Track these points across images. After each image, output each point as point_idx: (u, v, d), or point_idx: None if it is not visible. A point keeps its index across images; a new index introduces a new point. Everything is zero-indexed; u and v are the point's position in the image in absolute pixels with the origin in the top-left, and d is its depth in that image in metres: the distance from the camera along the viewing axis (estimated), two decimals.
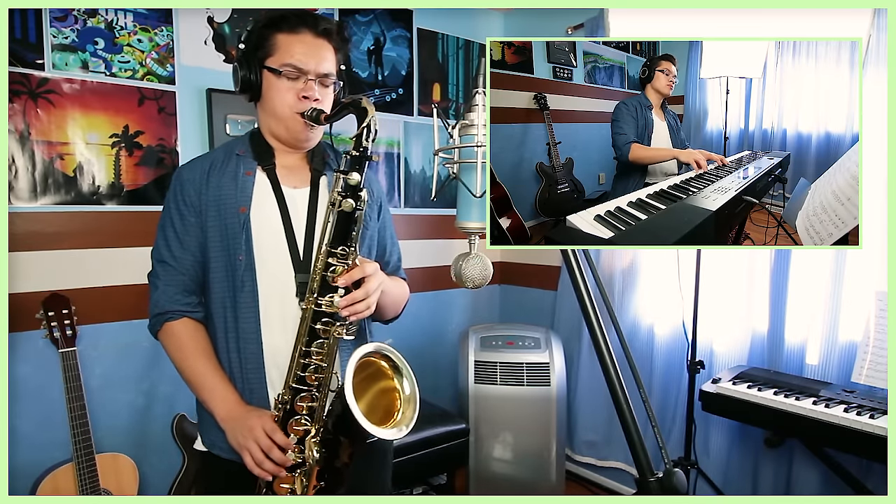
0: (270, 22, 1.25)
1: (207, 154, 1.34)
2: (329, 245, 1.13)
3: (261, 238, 1.24)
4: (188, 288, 1.27)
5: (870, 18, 2.01)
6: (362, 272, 1.15)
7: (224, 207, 1.24)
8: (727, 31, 2.29)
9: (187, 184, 1.26)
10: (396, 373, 1.17)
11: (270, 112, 1.27)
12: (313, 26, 1.25)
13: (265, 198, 1.26)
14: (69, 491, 2.00)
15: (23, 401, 2.09)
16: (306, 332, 1.14)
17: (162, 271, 1.27)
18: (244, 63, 1.26)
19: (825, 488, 2.17)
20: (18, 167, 2.06)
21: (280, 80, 1.23)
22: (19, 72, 2.04)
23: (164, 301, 1.26)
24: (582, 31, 2.91)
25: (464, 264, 0.92)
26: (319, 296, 1.13)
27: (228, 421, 1.19)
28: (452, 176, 0.94)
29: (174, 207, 1.27)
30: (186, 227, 1.26)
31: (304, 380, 1.15)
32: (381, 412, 1.15)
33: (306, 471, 1.15)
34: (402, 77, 3.05)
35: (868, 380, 1.90)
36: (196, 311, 1.28)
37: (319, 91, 1.25)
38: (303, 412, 1.15)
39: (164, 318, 1.26)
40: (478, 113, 0.91)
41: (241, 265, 1.22)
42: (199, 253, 1.27)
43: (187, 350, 1.25)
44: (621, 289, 2.84)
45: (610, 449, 2.96)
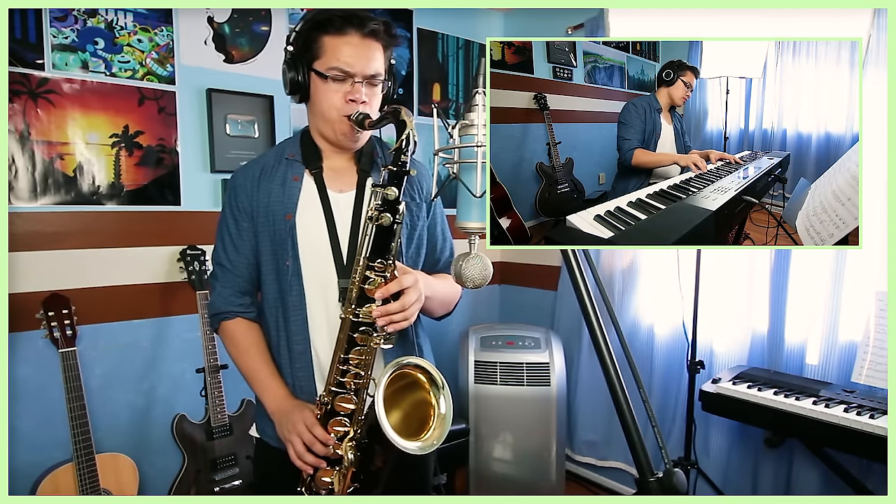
0: (317, 24, 1.25)
1: (261, 157, 1.37)
2: (367, 258, 1.15)
3: (306, 243, 1.28)
4: (242, 289, 1.34)
5: (870, 18, 2.01)
6: (399, 285, 1.16)
7: (272, 214, 1.29)
8: (727, 31, 2.29)
9: (240, 190, 1.31)
10: (434, 387, 1.20)
11: (318, 114, 1.29)
12: (360, 27, 1.24)
13: (311, 203, 1.29)
14: (69, 491, 2.00)
15: (23, 401, 2.09)
16: (345, 339, 1.18)
17: (220, 273, 1.34)
18: (292, 65, 1.26)
19: (825, 488, 2.17)
20: (18, 167, 2.06)
21: (327, 83, 1.24)
22: (19, 72, 2.04)
23: (220, 302, 1.34)
24: (582, 31, 2.91)
25: (464, 264, 0.92)
26: (357, 306, 1.16)
27: (277, 414, 1.26)
28: (452, 176, 0.94)
29: (229, 213, 1.33)
30: (241, 232, 1.32)
31: (343, 384, 1.18)
32: (417, 423, 1.19)
33: (343, 468, 1.19)
34: (402, 77, 3.05)
35: (868, 380, 1.90)
36: (249, 312, 1.35)
37: (367, 92, 1.25)
38: (342, 413, 1.19)
39: (220, 318, 1.35)
40: (478, 113, 0.91)
41: (289, 270, 1.27)
42: (253, 256, 1.33)
43: (241, 347, 1.33)
44: (621, 289, 2.84)
45: (610, 449, 2.96)
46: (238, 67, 2.49)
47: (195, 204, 2.43)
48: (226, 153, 2.46)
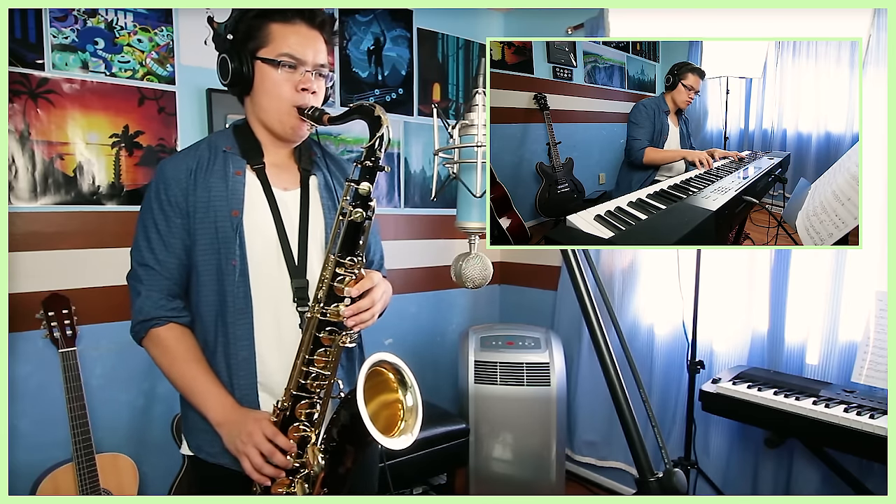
0: (262, 12, 1.20)
1: (190, 149, 1.26)
2: (337, 255, 1.11)
3: (253, 242, 1.21)
4: (173, 292, 1.23)
5: (870, 18, 2.01)
6: (371, 282, 1.14)
7: (215, 210, 1.20)
8: (727, 31, 2.29)
9: (172, 183, 1.20)
10: (401, 385, 1.17)
11: (265, 106, 1.23)
12: (309, 18, 1.22)
13: (256, 200, 1.23)
14: (69, 491, 2.00)
15: (23, 401, 2.09)
16: (310, 340, 1.13)
17: (145, 275, 1.21)
18: (234, 55, 1.20)
19: (825, 488, 2.17)
20: (18, 167, 2.06)
21: (277, 71, 1.19)
22: (19, 72, 2.04)
23: (149, 307, 1.20)
24: (582, 31, 2.90)
25: (464, 264, 0.92)
26: (325, 305, 1.12)
27: (225, 425, 1.16)
28: (452, 176, 0.94)
29: (157, 207, 1.21)
30: (171, 229, 1.20)
31: (305, 387, 1.14)
32: (384, 422, 1.15)
33: (310, 478, 1.14)
34: (402, 77, 3.05)
35: (868, 380, 1.90)
36: (182, 316, 1.23)
37: (315, 82, 1.22)
38: (302, 418, 1.15)
39: (150, 325, 1.21)
40: (478, 113, 0.91)
41: (235, 271, 1.19)
42: (185, 256, 1.22)
43: (176, 355, 1.21)
44: (621, 289, 2.84)
45: (610, 449, 2.96)
46: None
47: None
48: None
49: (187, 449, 1.28)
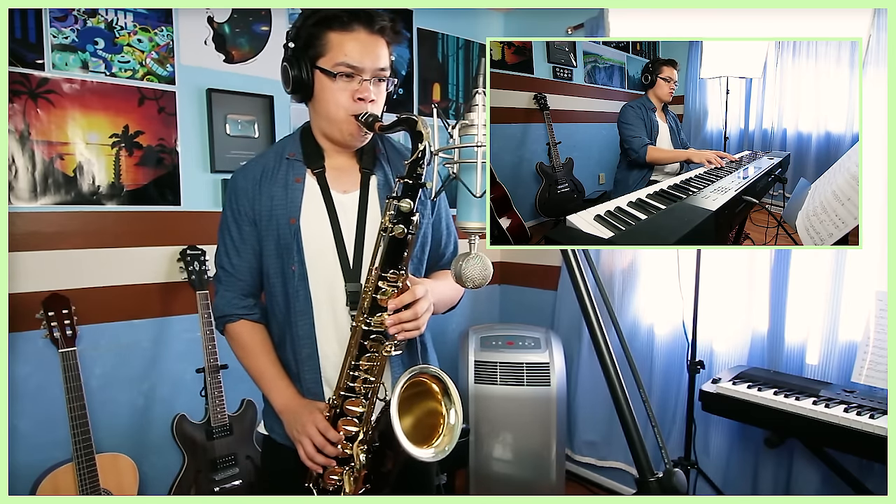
0: (321, 20, 1.20)
1: (260, 157, 1.34)
2: (380, 268, 1.14)
3: (311, 247, 1.26)
4: (245, 292, 1.34)
5: (870, 18, 2.01)
6: (412, 296, 1.16)
7: (276, 218, 1.27)
8: (727, 31, 2.29)
9: (241, 193, 1.29)
10: (446, 398, 1.20)
11: (323, 114, 1.25)
12: (368, 24, 1.20)
13: (315, 205, 1.27)
14: (69, 491, 2.00)
15: (23, 401, 2.09)
16: (356, 346, 1.18)
17: (223, 277, 1.34)
18: (294, 63, 1.21)
19: (825, 488, 2.17)
20: (18, 167, 2.06)
21: (334, 81, 1.20)
22: (19, 72, 2.04)
23: (223, 305, 1.33)
24: (582, 31, 2.91)
25: (464, 264, 0.92)
26: (369, 315, 1.16)
27: (285, 413, 1.27)
28: (452, 176, 0.94)
29: (230, 216, 1.31)
30: (243, 236, 1.30)
31: (353, 388, 1.19)
32: (426, 430, 1.18)
33: (354, 469, 1.20)
34: (402, 77, 3.05)
35: (868, 380, 1.90)
36: (253, 314, 1.34)
37: (374, 90, 1.22)
38: (351, 415, 1.20)
39: (225, 321, 1.35)
40: (478, 113, 0.91)
41: (295, 275, 1.26)
42: (256, 260, 1.32)
43: (247, 349, 1.33)
44: (621, 289, 2.84)
45: (610, 449, 2.96)
46: (238, 67, 2.49)
47: (195, 204, 2.42)
48: (226, 153, 2.46)
49: (263, 429, 1.41)
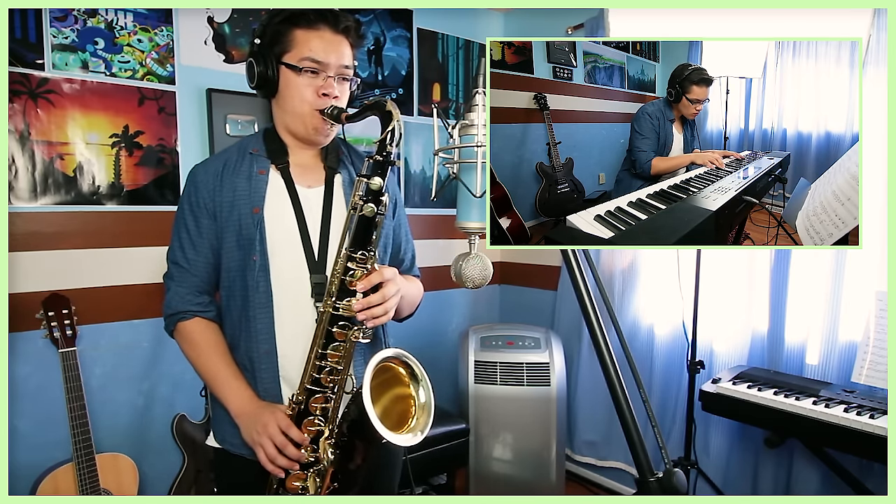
0: (288, 17, 1.23)
1: (221, 153, 1.33)
2: (349, 249, 1.13)
3: (274, 238, 1.24)
4: (200, 289, 1.29)
5: (870, 18, 2.01)
6: (381, 277, 1.15)
7: (238, 209, 1.25)
8: (727, 31, 2.29)
9: (201, 186, 1.27)
10: (413, 380, 1.17)
11: (288, 109, 1.26)
12: (333, 23, 1.23)
13: (279, 197, 1.26)
14: (69, 491, 2.00)
15: (23, 401, 2.09)
16: (323, 334, 1.15)
17: (176, 272, 1.29)
18: (260, 58, 1.23)
19: (825, 488, 2.17)
20: (18, 167, 2.06)
21: (299, 76, 1.22)
22: (19, 72, 2.04)
23: (176, 302, 1.28)
24: (582, 31, 2.91)
25: (464, 264, 0.92)
26: (337, 299, 1.14)
27: (242, 416, 1.21)
28: (452, 176, 0.94)
29: (188, 209, 1.28)
30: (200, 230, 1.27)
31: (318, 381, 1.15)
32: (396, 417, 1.15)
33: (320, 471, 1.15)
34: (402, 77, 3.05)
35: (868, 380, 1.90)
36: (207, 311, 1.30)
37: (338, 87, 1.24)
38: (316, 412, 1.16)
39: (177, 319, 1.29)
40: (478, 113, 0.91)
41: (256, 266, 1.23)
42: (212, 255, 1.28)
43: (200, 348, 1.28)
44: (621, 289, 2.84)
45: (610, 449, 2.96)
46: (238, 67, 2.49)
47: None
48: None
49: (213, 440, 1.33)
